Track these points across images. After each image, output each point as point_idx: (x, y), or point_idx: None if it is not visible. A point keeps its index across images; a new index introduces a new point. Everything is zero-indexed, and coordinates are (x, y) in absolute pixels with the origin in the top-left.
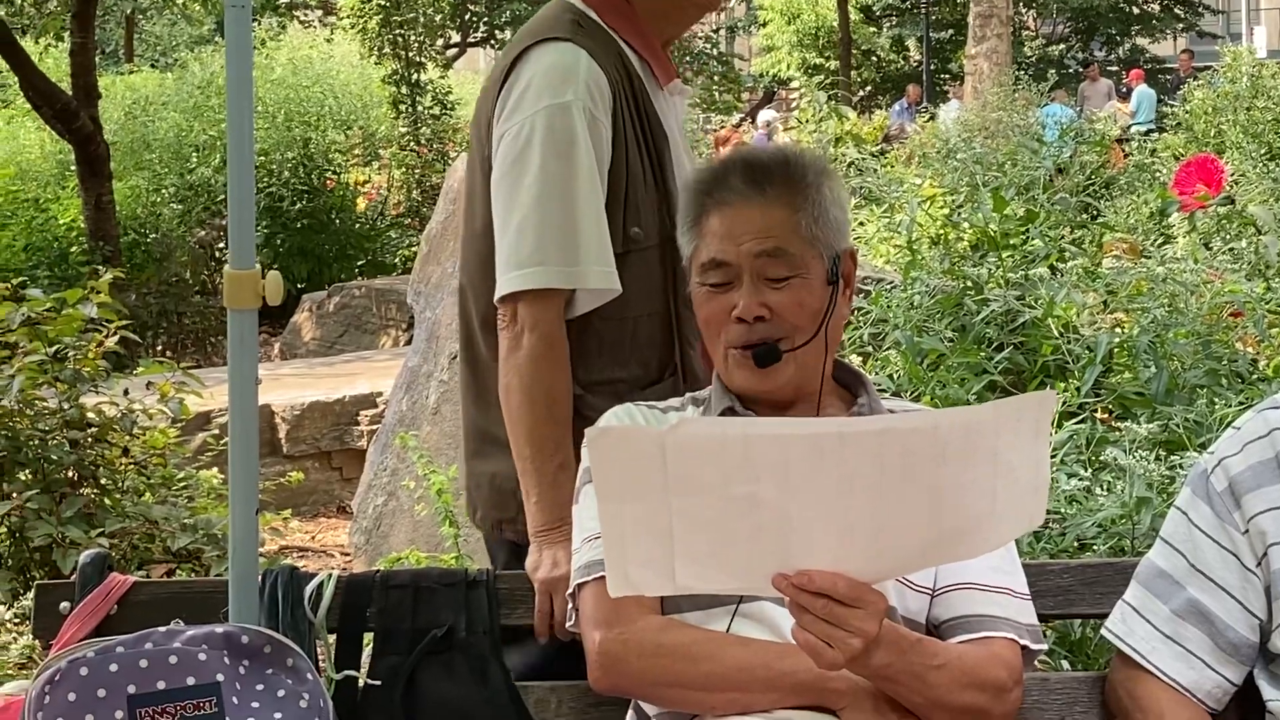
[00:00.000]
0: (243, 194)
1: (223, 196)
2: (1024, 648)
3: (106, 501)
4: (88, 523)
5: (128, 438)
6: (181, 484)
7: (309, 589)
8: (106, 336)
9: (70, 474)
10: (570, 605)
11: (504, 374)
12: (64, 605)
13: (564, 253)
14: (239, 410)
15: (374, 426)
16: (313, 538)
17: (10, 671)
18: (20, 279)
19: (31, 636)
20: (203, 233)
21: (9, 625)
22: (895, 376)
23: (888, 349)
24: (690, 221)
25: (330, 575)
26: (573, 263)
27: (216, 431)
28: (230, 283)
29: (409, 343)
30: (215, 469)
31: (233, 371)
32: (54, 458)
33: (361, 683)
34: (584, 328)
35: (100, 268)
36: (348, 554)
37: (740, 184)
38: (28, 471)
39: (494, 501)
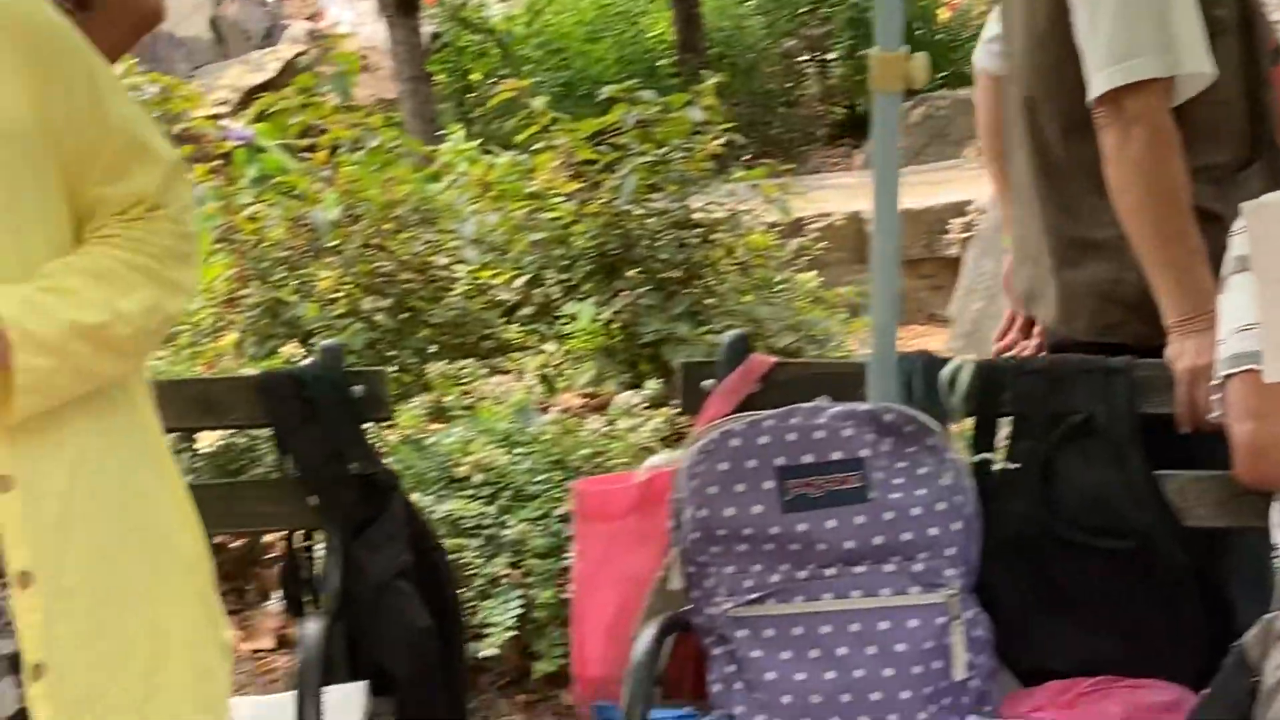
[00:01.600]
0: None
1: (805, 8)
2: None
3: (711, 301)
4: (694, 320)
5: (733, 239)
6: (780, 286)
7: (944, 374)
8: (711, 140)
9: (678, 273)
10: (1213, 396)
11: (1116, 172)
12: (707, 383)
13: (1160, 41)
14: (882, 191)
15: (964, 234)
16: (905, 343)
17: (648, 447)
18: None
19: (679, 412)
20: (790, 43)
21: (634, 411)
22: None
23: None
24: None
25: (967, 361)
26: (1170, 50)
27: (816, 235)
28: (877, 65)
29: None
30: (814, 272)
31: (876, 155)
32: (663, 257)
33: (997, 466)
34: (1177, 116)
35: (702, 72)
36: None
37: None
38: (638, 270)
39: (1099, 308)
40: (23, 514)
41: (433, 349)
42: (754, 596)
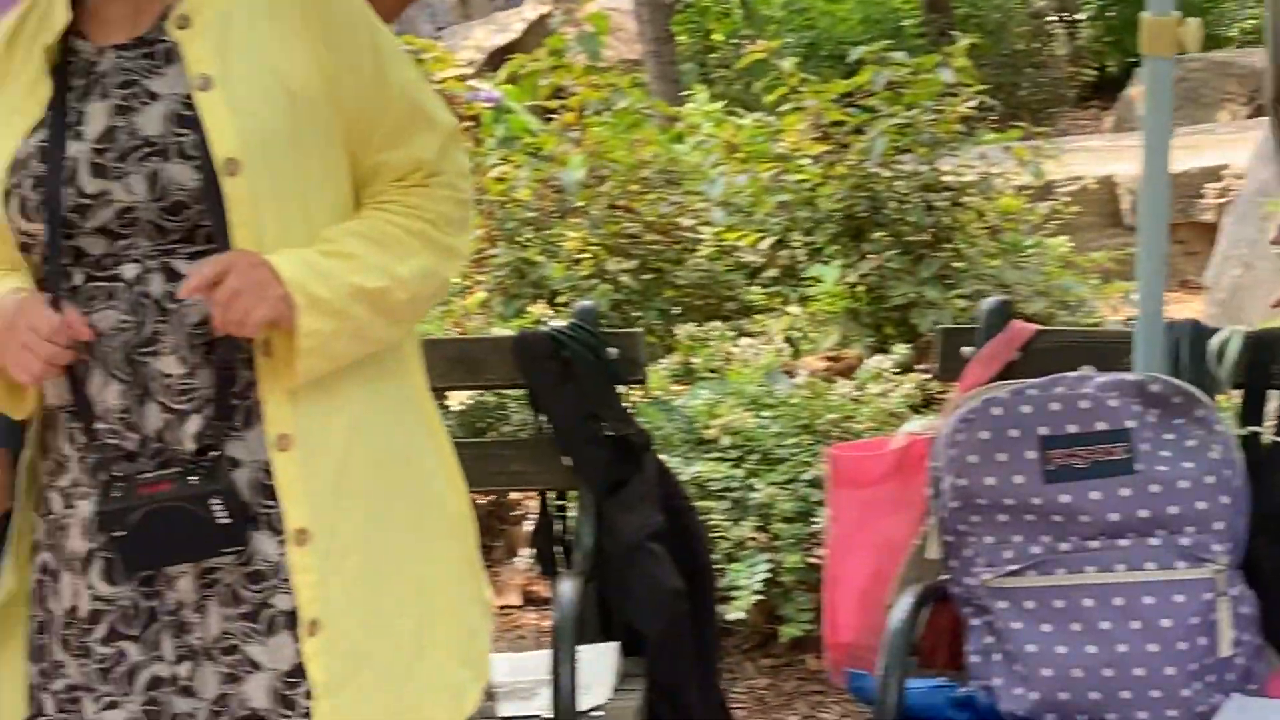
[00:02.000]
0: None
1: None
2: None
3: (959, 265)
4: (943, 284)
5: (983, 202)
6: (1030, 250)
7: (1212, 344)
8: (961, 102)
9: (926, 236)
10: None
11: None
12: (966, 349)
13: None
14: (1152, 154)
15: (1220, 200)
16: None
17: (896, 413)
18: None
19: (929, 377)
20: (1039, 3)
21: (883, 375)
22: None
23: None
24: None
25: (1236, 330)
26: None
27: (1067, 199)
28: (1148, 29)
29: (1250, 116)
30: (1065, 237)
31: (1147, 118)
32: (911, 220)
33: (1266, 440)
34: None
35: (951, 33)
36: None
37: None
38: (885, 233)
39: None
40: (302, 473)
41: (676, 310)
42: (1014, 568)
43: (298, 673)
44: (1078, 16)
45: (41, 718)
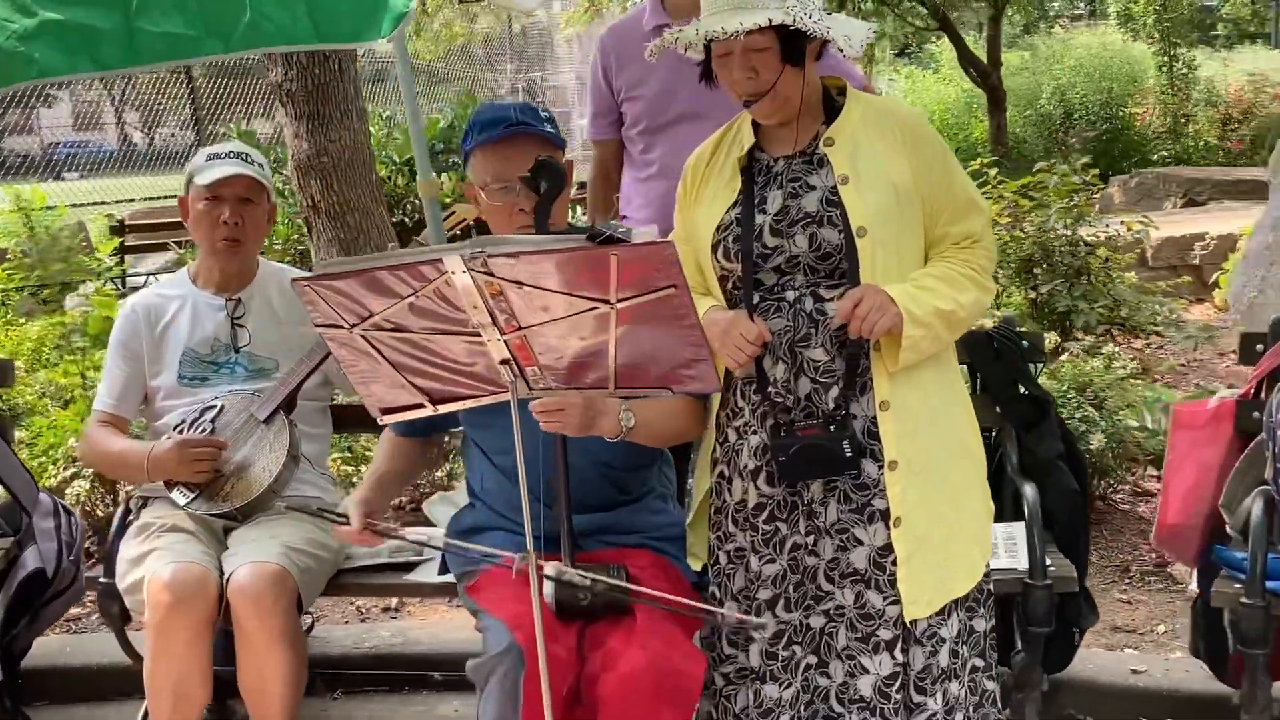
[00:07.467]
0: None
1: None
2: None
3: (1090, 287)
4: (1085, 298)
5: (1106, 252)
6: (1130, 282)
7: None
8: (1090, 194)
9: (1074, 270)
10: None
11: None
12: (1259, 347)
13: None
14: None
15: (1204, 252)
16: None
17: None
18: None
19: (1240, 363)
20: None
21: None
22: None
23: None
24: None
25: None
26: None
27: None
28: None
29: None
30: (1131, 273)
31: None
32: (1066, 260)
33: None
34: None
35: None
36: None
37: None
38: (1048, 266)
39: None
40: (894, 426)
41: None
42: None
43: (887, 549)
44: None
45: (717, 565)
